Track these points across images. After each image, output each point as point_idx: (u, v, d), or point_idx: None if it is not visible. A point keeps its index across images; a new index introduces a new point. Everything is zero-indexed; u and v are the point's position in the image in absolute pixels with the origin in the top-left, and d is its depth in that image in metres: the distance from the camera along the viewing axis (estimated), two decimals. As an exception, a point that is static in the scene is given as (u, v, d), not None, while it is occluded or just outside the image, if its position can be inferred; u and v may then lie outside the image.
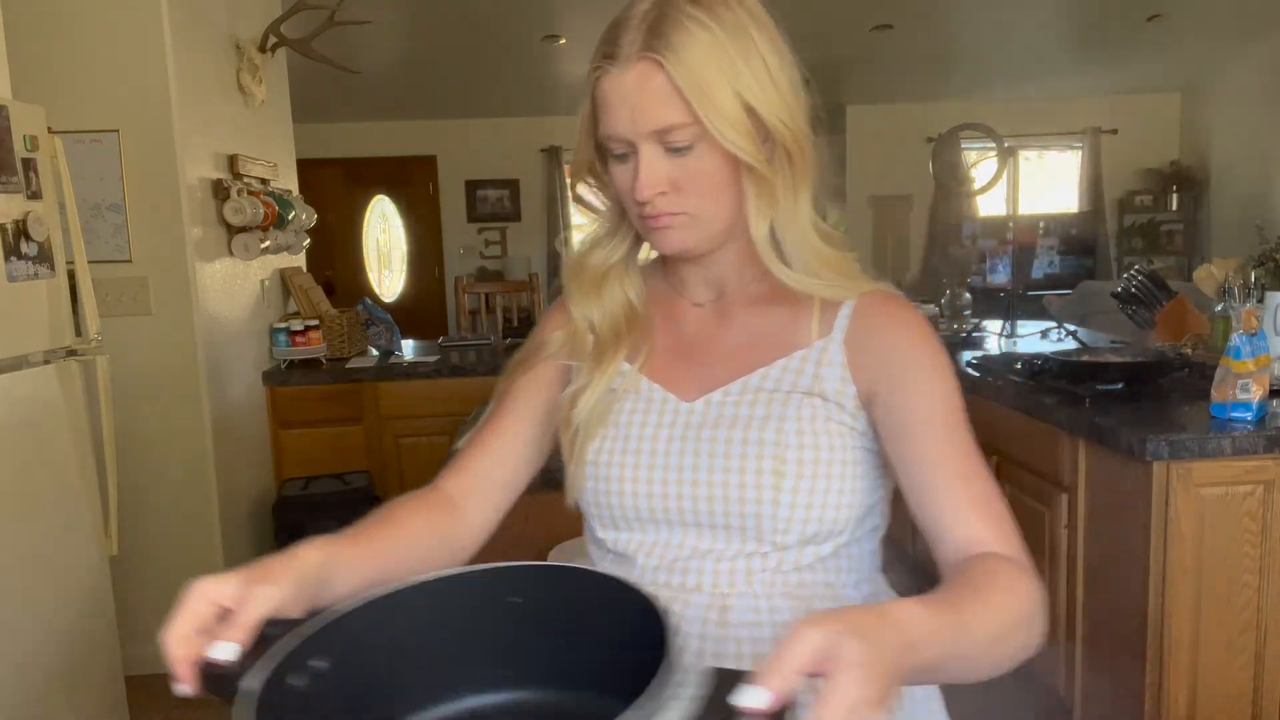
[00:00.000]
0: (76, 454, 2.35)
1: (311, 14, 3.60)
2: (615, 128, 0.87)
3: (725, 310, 0.98)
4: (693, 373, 0.97)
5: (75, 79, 2.93)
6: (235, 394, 3.42)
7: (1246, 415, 2.11)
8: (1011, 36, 6.64)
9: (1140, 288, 3.20)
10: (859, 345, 0.93)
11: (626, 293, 1.00)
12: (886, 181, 8.16)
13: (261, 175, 3.70)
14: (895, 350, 0.92)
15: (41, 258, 2.23)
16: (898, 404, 0.90)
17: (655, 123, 0.85)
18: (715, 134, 0.85)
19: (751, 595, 0.92)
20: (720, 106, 0.85)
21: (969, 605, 0.74)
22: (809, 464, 0.90)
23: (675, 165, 0.87)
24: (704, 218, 0.90)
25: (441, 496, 0.98)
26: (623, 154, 0.89)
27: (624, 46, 0.86)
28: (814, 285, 0.93)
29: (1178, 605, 2.08)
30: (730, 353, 0.96)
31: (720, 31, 0.85)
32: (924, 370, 0.91)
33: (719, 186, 0.89)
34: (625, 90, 0.86)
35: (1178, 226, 7.94)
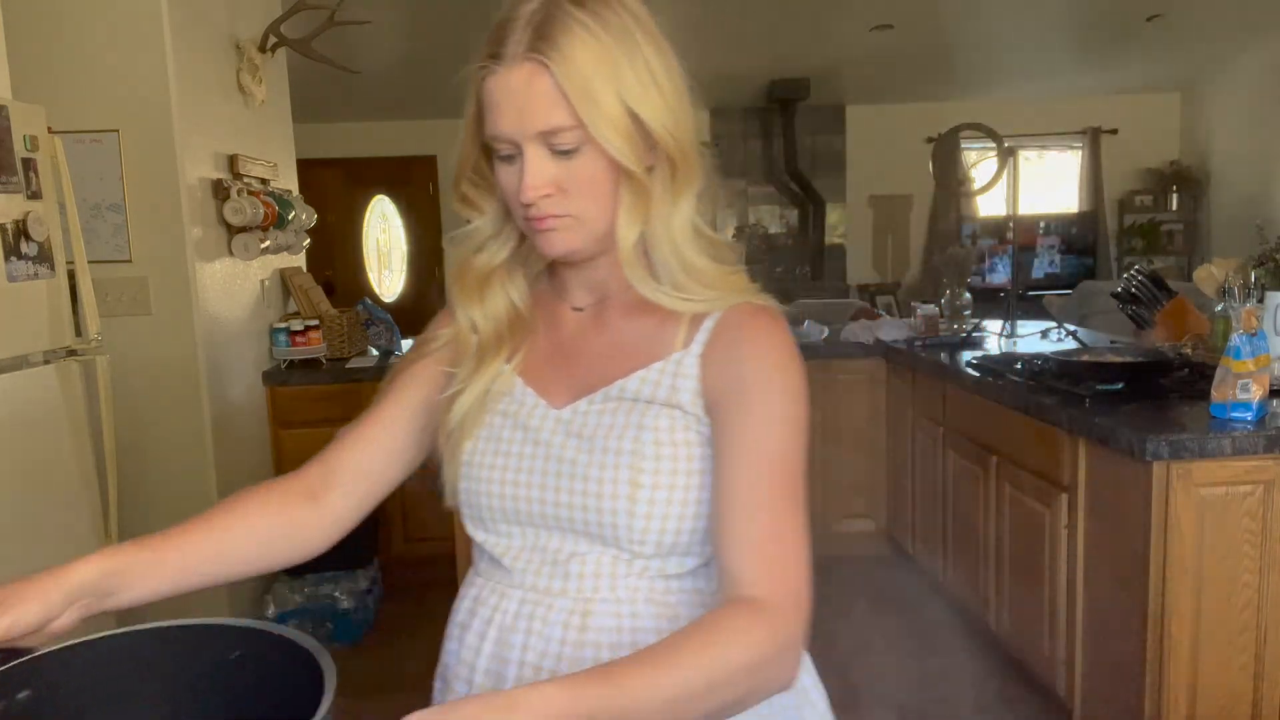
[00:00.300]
0: (76, 454, 2.35)
1: (311, 14, 3.60)
2: (501, 127, 0.87)
3: (603, 316, 0.98)
4: (565, 378, 0.97)
5: (75, 79, 2.93)
6: (235, 394, 3.42)
7: (1246, 415, 2.11)
8: (1011, 36, 6.64)
9: (1140, 288, 3.20)
10: (713, 360, 0.92)
11: (510, 295, 0.99)
12: (886, 181, 8.16)
13: (261, 175, 3.70)
14: (741, 364, 0.91)
15: (41, 258, 2.23)
16: (728, 418, 0.90)
17: (541, 124, 0.85)
18: (598, 139, 0.85)
19: (614, 600, 0.93)
20: (605, 111, 0.85)
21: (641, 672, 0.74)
22: (665, 474, 0.90)
23: (561, 167, 0.87)
24: (588, 220, 0.90)
25: (301, 484, 0.98)
26: (509, 155, 0.89)
27: (510, 46, 0.85)
28: (673, 300, 0.93)
29: (1178, 605, 2.08)
30: (600, 360, 0.96)
31: (606, 35, 0.85)
32: (762, 387, 0.89)
33: (604, 190, 0.89)
34: (511, 90, 0.86)
35: (1178, 226, 7.94)
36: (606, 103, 0.85)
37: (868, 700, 2.84)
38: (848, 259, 8.31)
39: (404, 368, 1.04)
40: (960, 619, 3.33)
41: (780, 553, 0.85)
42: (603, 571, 0.93)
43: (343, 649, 3.32)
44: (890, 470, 3.88)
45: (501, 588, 0.97)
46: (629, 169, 0.88)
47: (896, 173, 8.09)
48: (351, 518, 1.01)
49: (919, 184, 8.01)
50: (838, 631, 3.31)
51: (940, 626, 3.32)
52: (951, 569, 3.29)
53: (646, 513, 0.90)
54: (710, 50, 6.76)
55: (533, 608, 0.94)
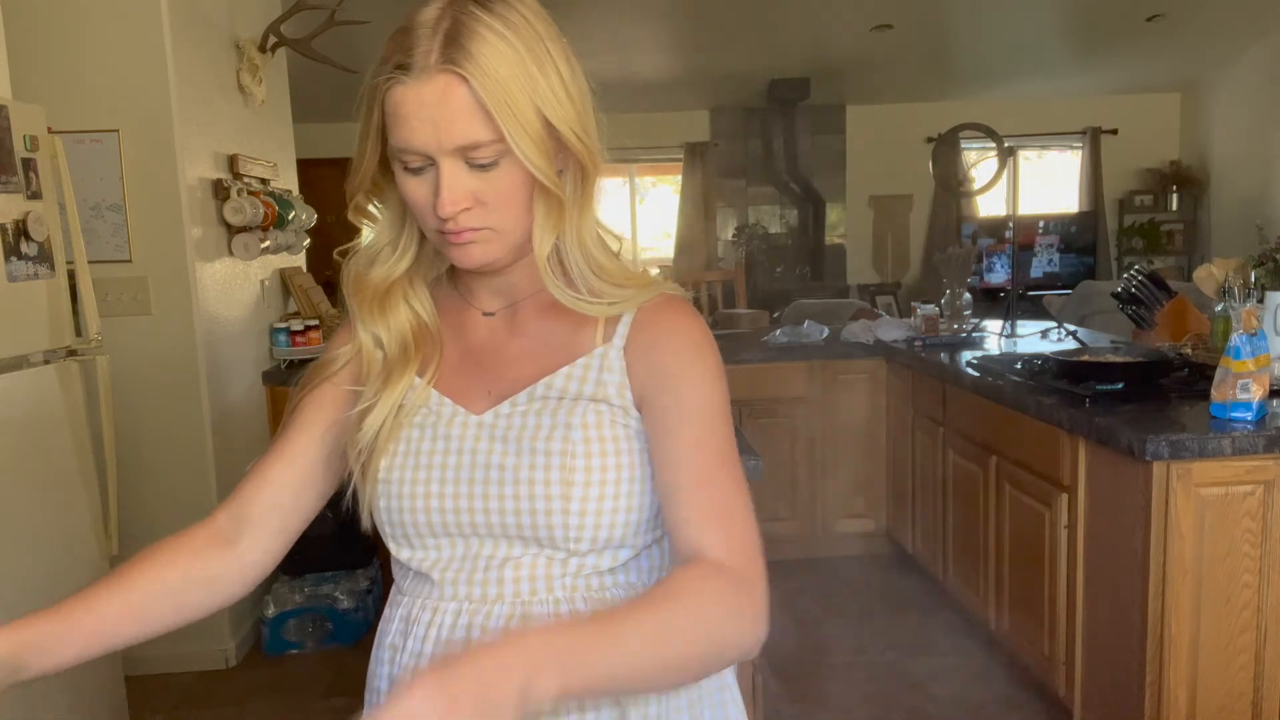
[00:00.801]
0: (76, 454, 2.35)
1: (311, 14, 3.60)
2: (414, 141, 0.84)
3: (515, 319, 0.97)
4: (482, 384, 0.96)
5: (75, 79, 2.93)
6: (235, 394, 3.42)
7: (1246, 415, 2.11)
8: (1011, 36, 6.64)
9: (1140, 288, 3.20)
10: (636, 350, 0.93)
11: (413, 306, 0.98)
12: (886, 181, 8.16)
13: (261, 175, 3.70)
14: (663, 353, 0.92)
15: (41, 258, 2.23)
16: (658, 406, 0.91)
17: (460, 139, 0.83)
18: (519, 153, 0.84)
19: (553, 601, 0.92)
20: (523, 123, 0.84)
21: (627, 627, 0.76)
22: (596, 470, 0.90)
23: (479, 180, 0.85)
24: (506, 231, 0.89)
25: (211, 532, 0.97)
26: (419, 167, 0.86)
27: (419, 56, 0.82)
28: (591, 306, 0.93)
29: (1178, 605, 2.08)
30: (518, 362, 0.95)
31: (518, 42, 0.84)
32: (686, 373, 0.91)
33: (522, 201, 0.88)
34: (425, 103, 0.83)
35: (1178, 226, 7.94)
36: (524, 114, 0.84)
37: (868, 700, 2.84)
38: (848, 259, 8.31)
39: (306, 394, 1.01)
40: (960, 619, 3.33)
41: (732, 521, 0.87)
42: (538, 574, 0.92)
43: (342, 649, 3.32)
44: (890, 470, 3.88)
45: (433, 603, 0.95)
46: (543, 182, 0.87)
47: (896, 173, 8.09)
48: (269, 558, 1.00)
49: (919, 184, 8.01)
50: (838, 631, 3.32)
51: (940, 626, 3.32)
52: (951, 569, 3.29)
53: (580, 510, 0.90)
54: (710, 50, 6.76)
55: (470, 617, 0.93)
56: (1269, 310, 2.35)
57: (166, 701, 2.99)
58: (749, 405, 3.81)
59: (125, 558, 2.86)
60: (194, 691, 3.07)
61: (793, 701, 2.84)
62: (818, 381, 3.86)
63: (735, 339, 4.18)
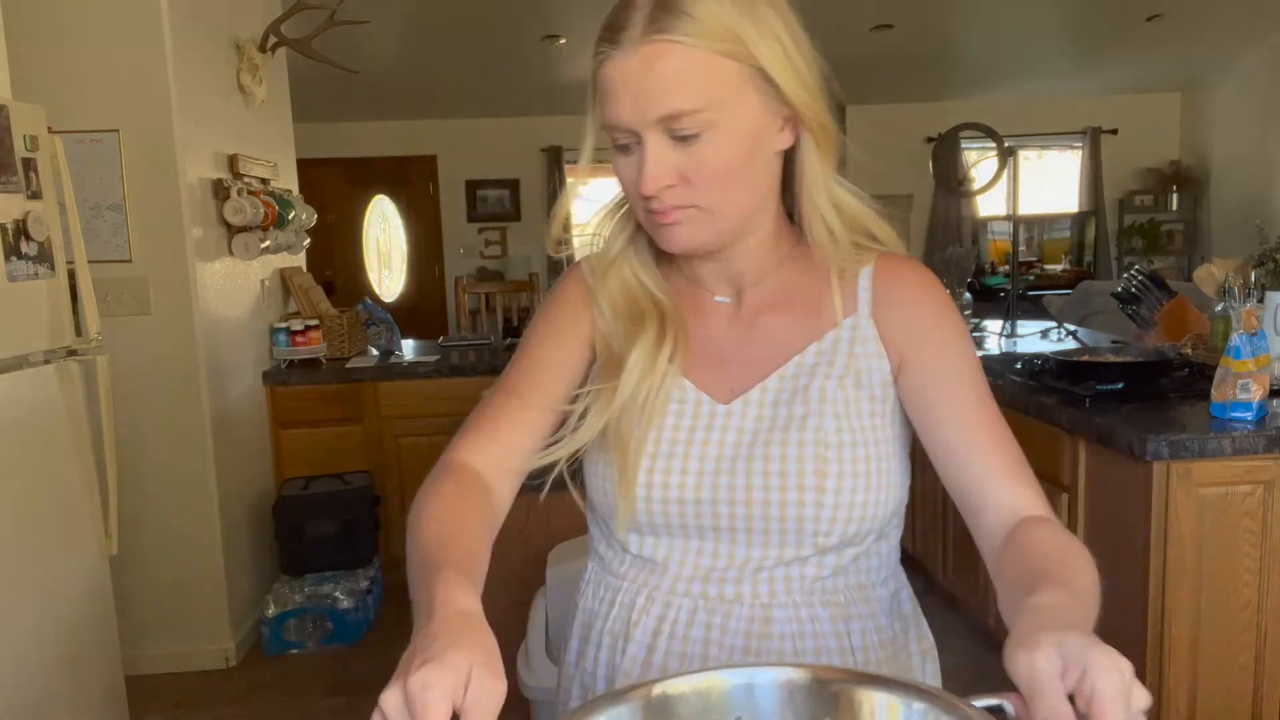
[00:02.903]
0: (76, 454, 2.35)
1: (311, 14, 3.60)
2: (618, 115, 0.82)
3: (748, 304, 0.94)
4: (725, 374, 0.92)
5: (75, 79, 2.93)
6: (235, 394, 3.42)
7: (1246, 415, 2.11)
8: (1011, 36, 6.64)
9: (1140, 288, 3.20)
10: (886, 314, 0.91)
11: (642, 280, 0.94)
12: (886, 181, 8.14)
13: (261, 175, 3.70)
14: (921, 312, 0.91)
15: (41, 258, 2.23)
16: (928, 365, 0.89)
17: (662, 109, 0.80)
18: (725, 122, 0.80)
19: (792, 605, 0.90)
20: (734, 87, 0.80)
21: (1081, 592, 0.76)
22: (848, 460, 0.87)
23: (684, 155, 0.82)
24: (716, 211, 0.85)
25: (475, 478, 0.90)
26: (625, 144, 0.84)
27: (630, 29, 0.80)
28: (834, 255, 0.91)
29: (1178, 605, 2.08)
30: (760, 348, 0.92)
31: (734, 7, 0.80)
32: (947, 328, 0.90)
33: (732, 176, 0.84)
34: (628, 75, 0.80)
35: (1178, 226, 7.94)
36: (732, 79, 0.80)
37: (868, 700, 2.84)
38: (848, 259, 8.31)
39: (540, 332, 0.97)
40: (960, 619, 3.32)
41: (1032, 475, 0.87)
42: (776, 575, 0.90)
43: (343, 649, 3.32)
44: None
45: (663, 595, 0.92)
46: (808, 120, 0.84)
47: (896, 173, 8.09)
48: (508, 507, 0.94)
49: (919, 184, 8.00)
50: (838, 631, 3.31)
51: (940, 626, 3.31)
52: (951, 569, 3.29)
53: (834, 502, 0.87)
54: (710, 50, 6.76)
55: (708, 616, 0.90)
56: (1269, 310, 2.35)
57: (166, 701, 2.99)
58: (749, 405, 3.81)
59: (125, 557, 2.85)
60: (194, 691, 3.07)
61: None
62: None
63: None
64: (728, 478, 0.89)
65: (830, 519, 0.87)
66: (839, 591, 0.92)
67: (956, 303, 3.97)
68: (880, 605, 0.95)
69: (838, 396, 0.88)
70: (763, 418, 0.89)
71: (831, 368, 0.89)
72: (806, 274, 0.93)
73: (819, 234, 0.90)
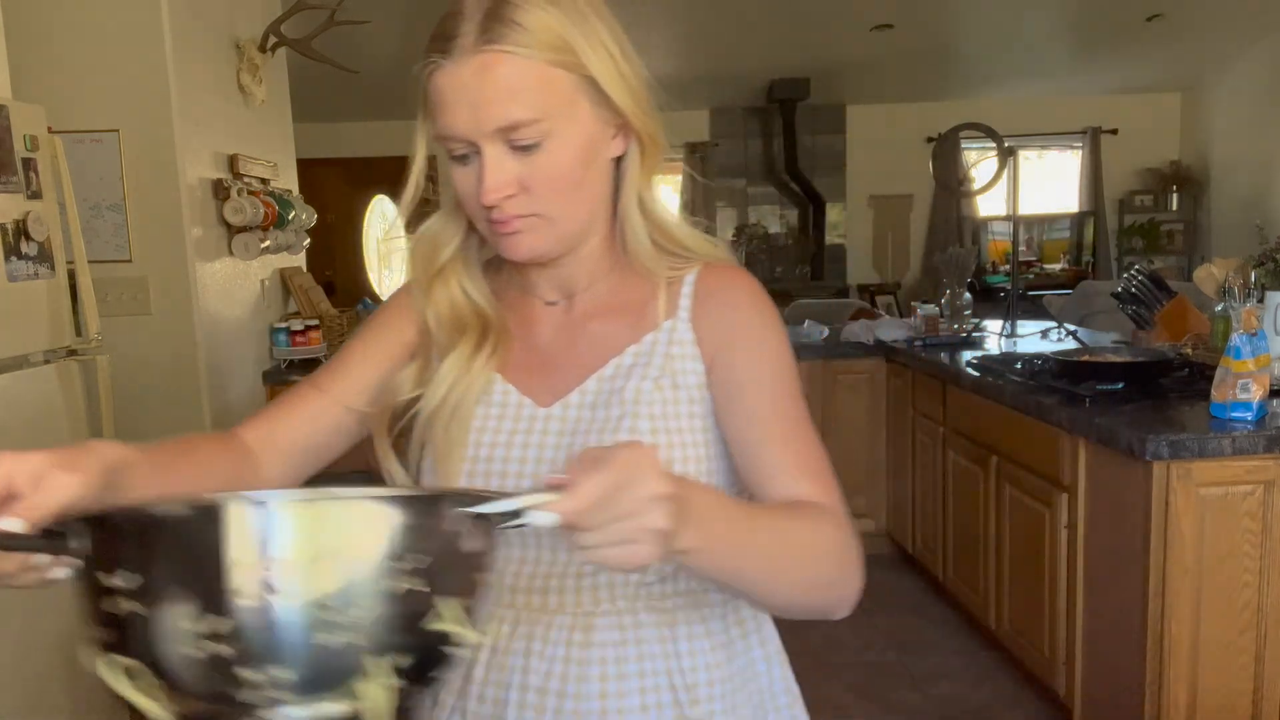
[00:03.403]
0: (76, 454, 2.35)
1: (311, 14, 3.60)
2: (455, 127, 0.82)
3: (577, 309, 0.95)
4: (549, 378, 0.93)
5: (75, 79, 2.93)
6: (235, 394, 3.42)
7: (1246, 415, 2.11)
8: (1011, 36, 6.64)
9: (1140, 288, 3.20)
10: (702, 318, 0.92)
11: (466, 289, 0.95)
12: (886, 181, 8.16)
13: (261, 175, 3.70)
14: (732, 314, 0.91)
15: (41, 258, 2.23)
16: (733, 367, 0.90)
17: (500, 119, 0.80)
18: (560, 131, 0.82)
19: (615, 612, 0.89)
20: (569, 98, 0.82)
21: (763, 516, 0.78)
22: (664, 461, 0.87)
23: (523, 165, 0.82)
24: (556, 218, 0.86)
25: (242, 446, 0.91)
26: (463, 154, 0.84)
27: (461, 38, 0.80)
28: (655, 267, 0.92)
29: (1178, 605, 2.08)
30: (585, 351, 0.93)
31: (562, 16, 0.81)
32: (756, 332, 0.91)
33: (570, 184, 0.85)
34: (463, 85, 0.80)
35: (1178, 226, 7.94)
36: (569, 89, 0.82)
37: (868, 700, 2.84)
38: (848, 259, 8.31)
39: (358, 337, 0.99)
40: (960, 619, 3.33)
41: (823, 470, 0.87)
42: (600, 582, 0.89)
43: (343, 649, 3.32)
44: (890, 470, 3.88)
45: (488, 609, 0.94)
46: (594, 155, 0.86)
47: (896, 173, 8.08)
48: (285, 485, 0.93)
49: (919, 184, 8.00)
50: (838, 632, 3.31)
51: (940, 626, 3.32)
52: (951, 569, 3.29)
53: None
54: (710, 50, 6.76)
55: (529, 627, 0.90)
56: (1269, 310, 2.35)
57: (166, 701, 2.99)
58: (749, 405, 3.81)
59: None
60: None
61: (793, 701, 2.84)
62: (818, 381, 3.86)
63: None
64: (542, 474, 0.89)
65: None
66: (665, 598, 0.91)
67: (956, 303, 3.98)
68: (713, 611, 0.93)
69: (654, 398, 0.89)
70: (581, 419, 0.90)
71: (648, 369, 0.90)
72: (636, 280, 0.94)
73: (632, 241, 0.92)
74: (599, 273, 0.94)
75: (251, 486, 0.89)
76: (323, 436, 0.94)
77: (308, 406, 0.94)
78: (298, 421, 0.94)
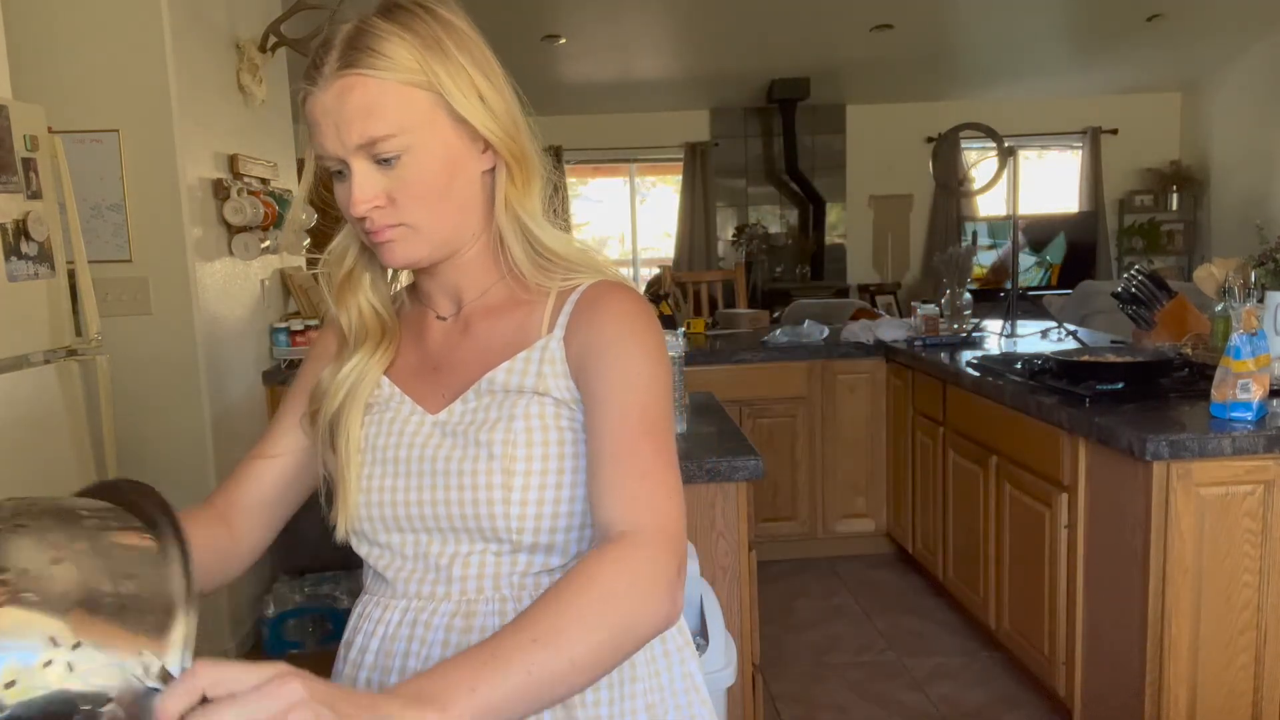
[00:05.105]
0: (76, 454, 2.35)
1: (311, 14, 3.60)
2: (324, 146, 0.88)
3: (466, 319, 0.99)
4: (438, 386, 0.98)
5: (75, 79, 2.93)
6: (235, 394, 3.42)
7: (1246, 415, 2.11)
8: (1011, 36, 6.65)
9: (1140, 288, 3.20)
10: (574, 335, 0.94)
11: (370, 300, 1.00)
12: (886, 181, 8.16)
13: (261, 175, 3.70)
14: (596, 331, 0.93)
15: (41, 258, 2.23)
16: (588, 380, 0.91)
17: (358, 137, 0.87)
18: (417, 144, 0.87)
19: (499, 599, 0.93)
20: (424, 115, 0.87)
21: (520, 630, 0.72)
22: (538, 460, 0.91)
23: (388, 178, 0.88)
24: (423, 227, 0.91)
25: (213, 513, 1.00)
26: (339, 170, 0.90)
27: (324, 66, 0.87)
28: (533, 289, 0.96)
29: (1178, 605, 2.08)
30: (469, 362, 0.97)
31: (415, 41, 0.87)
32: (616, 346, 0.91)
33: (435, 195, 0.90)
34: (326, 108, 0.87)
35: (1178, 226, 7.94)
36: (423, 107, 0.87)
37: (868, 700, 2.84)
38: (848, 259, 8.32)
39: (289, 390, 1.06)
40: (960, 619, 3.33)
41: (647, 489, 0.85)
42: (485, 572, 0.93)
43: (343, 649, 3.32)
44: (890, 470, 3.88)
45: (385, 600, 0.97)
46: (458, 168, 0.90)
47: (896, 173, 8.09)
48: (262, 544, 1.03)
49: (919, 184, 8.01)
50: (838, 631, 3.32)
51: (940, 626, 3.32)
52: (951, 569, 3.29)
53: (521, 500, 0.90)
54: (710, 50, 6.76)
55: (415, 614, 0.95)
56: (1269, 310, 2.35)
57: (166, 701, 2.99)
58: (749, 405, 3.81)
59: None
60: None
61: (793, 701, 2.84)
62: (818, 381, 3.86)
63: (735, 339, 4.18)
64: (429, 479, 0.93)
65: (519, 516, 0.91)
66: None
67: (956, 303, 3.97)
68: None
69: (530, 406, 0.92)
70: (461, 423, 0.94)
71: (523, 381, 0.93)
72: (525, 292, 0.97)
73: (512, 254, 0.96)
74: (487, 281, 0.98)
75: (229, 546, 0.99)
76: (275, 491, 1.02)
77: (254, 469, 1.02)
78: (249, 485, 1.02)
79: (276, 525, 1.04)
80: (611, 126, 7.78)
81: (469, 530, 0.92)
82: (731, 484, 2.08)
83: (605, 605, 0.76)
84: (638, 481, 0.85)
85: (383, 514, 0.95)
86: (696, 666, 1.03)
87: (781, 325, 4.35)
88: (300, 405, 1.03)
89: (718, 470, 2.05)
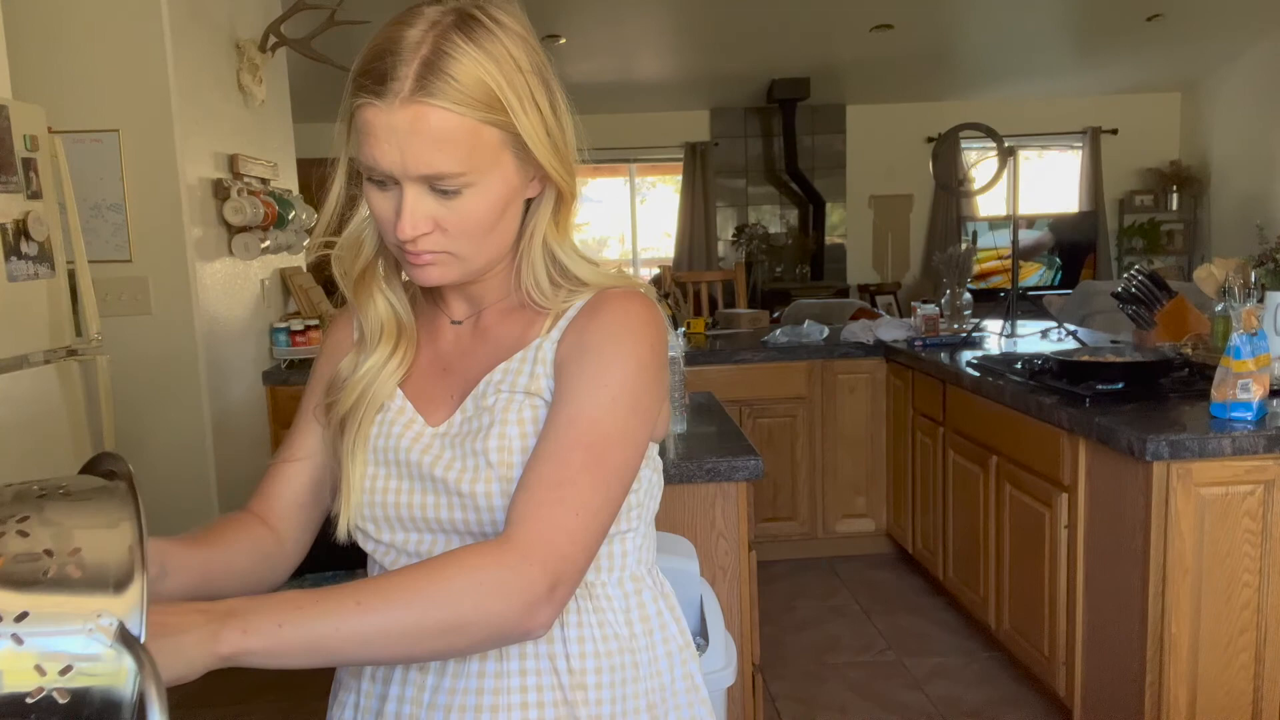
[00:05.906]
0: (76, 454, 2.35)
1: (311, 14, 3.60)
2: (380, 163, 0.84)
3: (479, 325, 0.99)
4: (447, 386, 0.97)
5: (75, 79, 2.93)
6: (235, 394, 3.42)
7: (1246, 415, 2.11)
8: (1011, 36, 6.65)
9: (1140, 288, 3.20)
10: (567, 338, 0.93)
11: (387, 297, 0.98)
12: (886, 181, 8.16)
13: (261, 175, 3.70)
14: (588, 335, 0.91)
15: (41, 258, 2.23)
16: (559, 382, 0.91)
17: (426, 169, 0.83)
18: (482, 185, 0.85)
19: None
20: (494, 157, 0.85)
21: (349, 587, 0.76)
22: None
23: (442, 207, 0.86)
24: (466, 257, 0.90)
25: (257, 517, 1.00)
26: (382, 181, 0.86)
27: (396, 82, 0.82)
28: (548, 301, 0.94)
29: (1178, 605, 2.08)
30: (479, 364, 0.96)
31: (499, 75, 0.83)
32: (595, 351, 0.90)
33: (485, 229, 0.88)
34: (394, 129, 0.82)
35: (1178, 226, 7.94)
36: (495, 149, 0.85)
37: (867, 700, 2.84)
38: (848, 259, 8.32)
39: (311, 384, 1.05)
40: (960, 619, 3.33)
41: (552, 499, 0.83)
42: None
43: (343, 649, 3.32)
44: (890, 470, 3.88)
45: None
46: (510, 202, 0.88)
47: (896, 173, 8.09)
48: (304, 546, 1.03)
49: (919, 184, 8.01)
50: (838, 631, 3.32)
51: (940, 626, 3.32)
52: (951, 569, 3.29)
53: None
54: (710, 50, 6.76)
55: None
56: (1269, 310, 2.35)
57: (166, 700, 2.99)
58: (749, 405, 3.81)
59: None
60: (194, 691, 3.06)
61: (793, 701, 2.84)
62: (818, 381, 3.86)
63: (735, 339, 4.18)
64: (431, 484, 0.93)
65: None
66: None
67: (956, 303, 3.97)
68: (610, 604, 0.96)
69: (524, 410, 0.91)
70: (461, 433, 0.93)
71: (519, 379, 0.93)
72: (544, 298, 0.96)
73: (527, 277, 0.95)
74: (505, 290, 0.98)
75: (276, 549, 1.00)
76: (308, 493, 1.02)
77: (284, 473, 1.02)
78: (283, 489, 1.02)
79: (315, 525, 1.04)
80: (611, 126, 7.78)
81: (472, 534, 0.92)
82: (731, 484, 2.09)
83: (444, 595, 0.77)
84: (549, 490, 0.83)
85: (385, 514, 0.95)
86: (697, 667, 1.03)
87: (781, 325, 4.35)
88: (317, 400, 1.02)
89: (718, 470, 2.05)
